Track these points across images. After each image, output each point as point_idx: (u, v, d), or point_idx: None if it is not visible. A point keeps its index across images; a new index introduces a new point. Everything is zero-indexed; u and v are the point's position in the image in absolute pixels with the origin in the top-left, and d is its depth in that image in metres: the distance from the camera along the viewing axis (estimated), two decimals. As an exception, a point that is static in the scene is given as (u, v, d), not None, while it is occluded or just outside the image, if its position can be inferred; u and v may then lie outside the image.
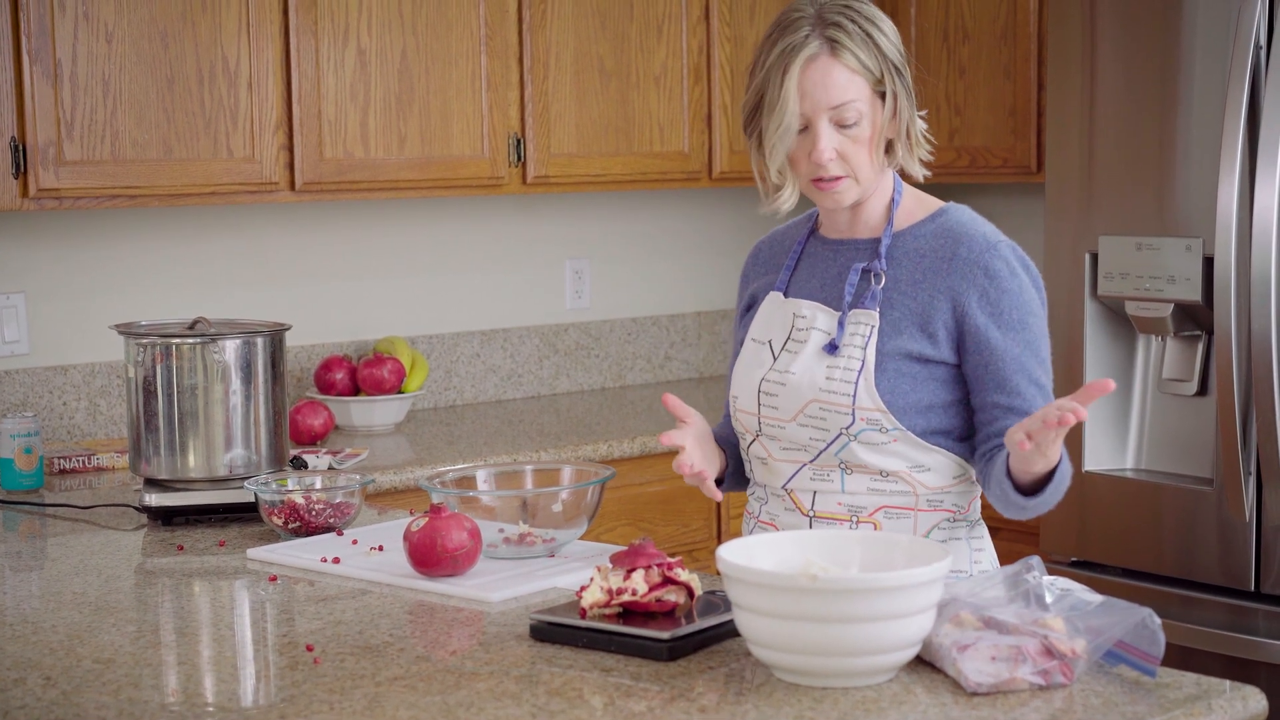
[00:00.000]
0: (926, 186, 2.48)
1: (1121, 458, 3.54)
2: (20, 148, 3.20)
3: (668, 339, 4.65)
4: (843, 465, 2.25)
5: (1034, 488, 2.17)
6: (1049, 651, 1.81)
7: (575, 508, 2.44)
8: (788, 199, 2.28)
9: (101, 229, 3.69)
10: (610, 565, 2.04)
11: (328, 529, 2.66)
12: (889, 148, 2.29)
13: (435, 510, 2.32)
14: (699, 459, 2.25)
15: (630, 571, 2.01)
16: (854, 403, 2.21)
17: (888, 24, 2.27)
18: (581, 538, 2.53)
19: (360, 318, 4.09)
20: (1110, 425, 3.53)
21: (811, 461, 2.27)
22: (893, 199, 2.32)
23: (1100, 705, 1.78)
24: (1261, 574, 3.26)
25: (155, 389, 2.84)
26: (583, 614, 2.02)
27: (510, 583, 2.29)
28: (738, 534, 3.36)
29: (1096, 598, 1.91)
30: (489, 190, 3.87)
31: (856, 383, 2.21)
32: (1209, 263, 3.29)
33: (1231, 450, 3.23)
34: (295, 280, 3.98)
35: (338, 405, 3.82)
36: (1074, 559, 3.59)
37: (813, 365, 2.25)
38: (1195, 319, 3.39)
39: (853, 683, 1.83)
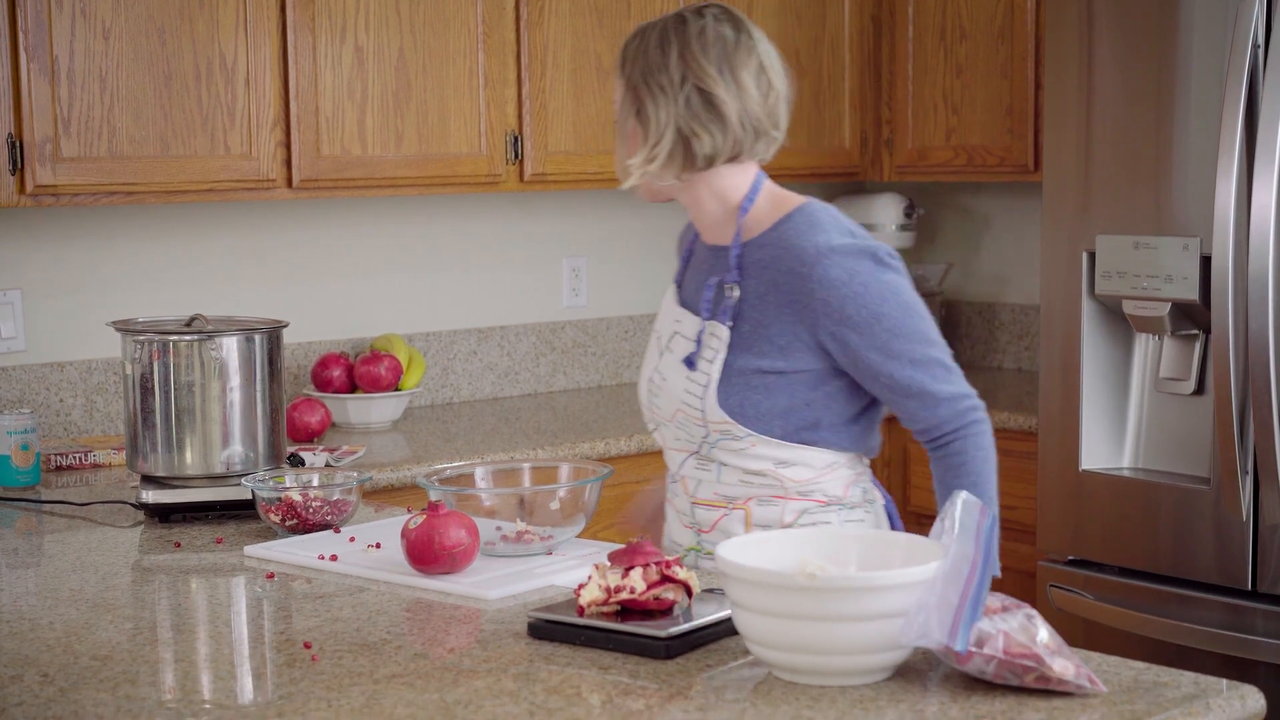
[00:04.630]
0: (928, 186, 2.50)
1: (1118, 457, 3.54)
2: (17, 144, 3.20)
3: (665, 337, 4.64)
4: (718, 460, 2.36)
5: None
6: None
7: (573, 505, 2.44)
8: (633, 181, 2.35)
9: (98, 226, 3.69)
10: (608, 563, 2.04)
11: (325, 526, 2.66)
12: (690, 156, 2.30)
13: (433, 508, 2.32)
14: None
15: (628, 569, 2.01)
16: (704, 416, 2.31)
17: (688, 46, 2.26)
18: (579, 535, 2.53)
19: (357, 315, 4.09)
20: (1107, 424, 3.53)
21: (696, 451, 2.38)
22: (740, 206, 2.33)
23: (1098, 704, 1.78)
24: (1258, 573, 3.26)
25: (152, 386, 2.83)
26: (580, 612, 2.01)
27: (508, 580, 2.29)
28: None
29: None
30: (486, 188, 3.87)
31: (704, 397, 2.30)
32: (1206, 262, 3.29)
33: (1228, 449, 3.23)
34: (292, 277, 3.97)
35: (335, 403, 3.82)
36: (1070, 558, 3.59)
37: (677, 375, 2.36)
38: (1192, 318, 3.39)
39: (851, 681, 1.83)
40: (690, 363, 2.32)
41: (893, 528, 2.43)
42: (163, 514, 2.83)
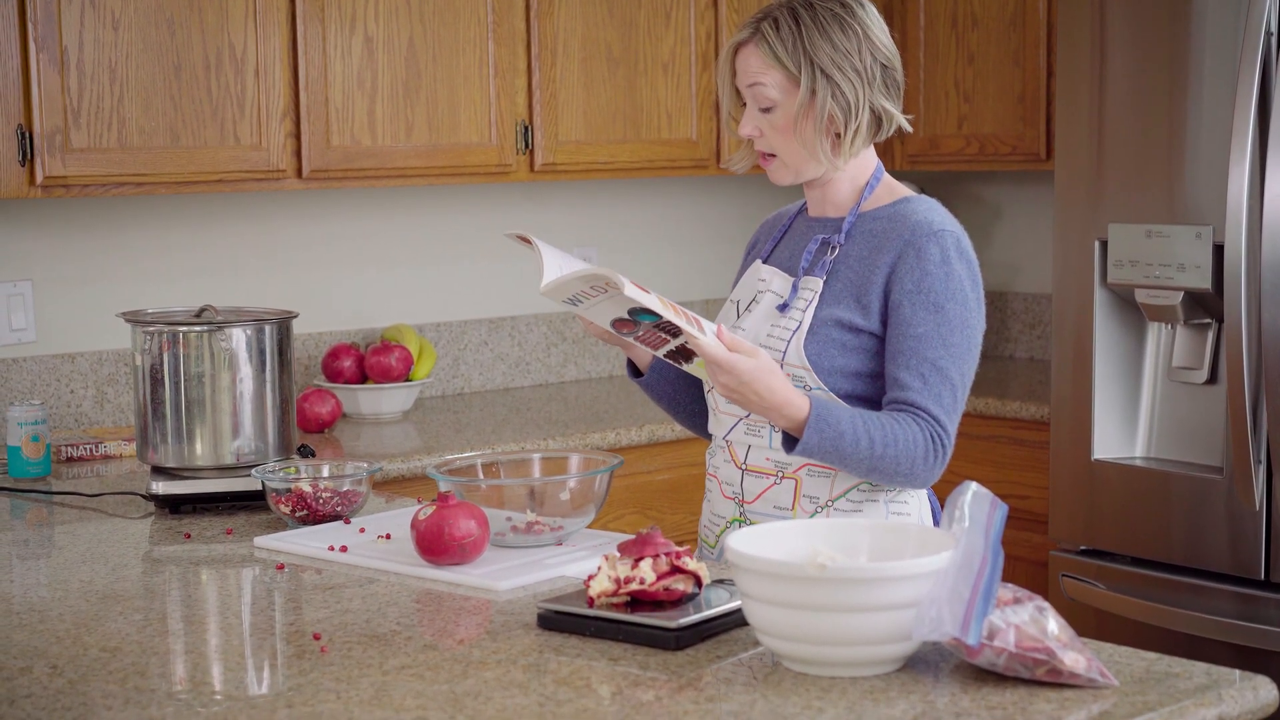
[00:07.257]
0: (939, 175, 2.50)
1: (1131, 446, 3.53)
2: (27, 135, 3.20)
3: (676, 327, 4.64)
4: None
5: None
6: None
7: (583, 496, 2.44)
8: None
9: (108, 216, 3.69)
10: (618, 554, 2.03)
11: (335, 517, 2.66)
12: (837, 140, 2.37)
13: (443, 498, 2.32)
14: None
15: (638, 560, 2.00)
16: (784, 358, 2.33)
17: (851, 28, 2.32)
18: (589, 526, 2.52)
19: (367, 306, 4.09)
20: (1120, 414, 3.52)
21: (747, 416, 2.38)
22: (868, 183, 2.42)
23: (1110, 695, 1.77)
24: (1271, 563, 3.25)
25: (162, 377, 2.83)
26: (590, 603, 2.01)
27: (518, 571, 2.29)
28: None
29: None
30: (496, 178, 3.86)
31: (790, 340, 2.33)
32: (1219, 250, 3.28)
33: (1241, 439, 3.22)
34: (302, 268, 3.97)
35: (345, 393, 3.82)
36: (1083, 547, 3.58)
37: (761, 322, 2.39)
38: (1205, 307, 3.38)
39: (861, 672, 1.82)
40: (784, 307, 2.36)
41: (935, 521, 2.43)
42: (173, 505, 2.83)
